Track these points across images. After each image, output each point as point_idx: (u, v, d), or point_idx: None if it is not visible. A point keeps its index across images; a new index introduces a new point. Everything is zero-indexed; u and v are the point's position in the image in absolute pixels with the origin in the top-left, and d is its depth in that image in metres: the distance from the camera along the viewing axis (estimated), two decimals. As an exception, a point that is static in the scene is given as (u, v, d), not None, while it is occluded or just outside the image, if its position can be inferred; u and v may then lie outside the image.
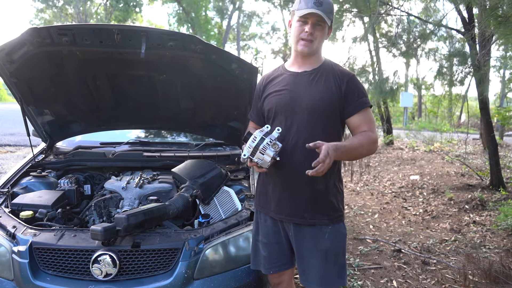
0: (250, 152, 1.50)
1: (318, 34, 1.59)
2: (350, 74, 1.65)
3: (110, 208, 2.23)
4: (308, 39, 1.58)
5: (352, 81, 1.62)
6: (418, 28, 5.23)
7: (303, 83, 1.63)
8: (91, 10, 24.15)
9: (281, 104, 1.65)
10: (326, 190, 1.63)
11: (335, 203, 1.65)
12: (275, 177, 1.69)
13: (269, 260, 1.74)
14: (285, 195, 1.66)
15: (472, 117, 13.94)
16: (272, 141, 1.50)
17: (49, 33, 1.98)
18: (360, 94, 1.62)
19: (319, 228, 1.63)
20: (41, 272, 1.73)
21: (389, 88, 5.32)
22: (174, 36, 2.02)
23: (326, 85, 1.60)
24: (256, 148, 1.49)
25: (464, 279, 2.88)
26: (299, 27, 1.59)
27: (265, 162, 1.50)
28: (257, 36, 28.05)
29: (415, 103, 21.82)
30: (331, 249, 1.63)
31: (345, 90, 1.59)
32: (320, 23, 1.57)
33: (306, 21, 1.57)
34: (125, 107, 2.70)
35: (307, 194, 1.62)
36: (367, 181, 6.54)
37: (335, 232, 1.64)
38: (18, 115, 2.46)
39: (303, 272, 1.68)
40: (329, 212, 1.63)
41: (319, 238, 1.63)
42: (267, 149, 1.49)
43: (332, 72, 1.63)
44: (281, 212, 1.68)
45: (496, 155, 5.14)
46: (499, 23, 3.44)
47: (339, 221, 1.67)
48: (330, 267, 1.64)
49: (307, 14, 1.54)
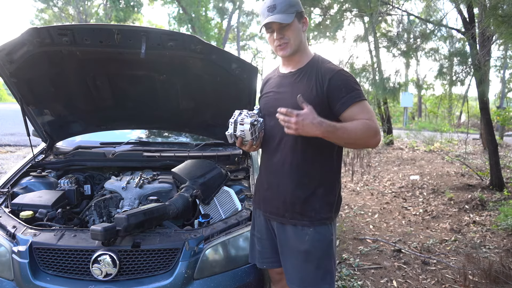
0: (232, 128, 1.57)
1: (289, 33, 1.55)
2: (335, 70, 1.54)
3: (110, 208, 2.23)
4: (282, 43, 1.57)
5: (335, 78, 1.51)
6: (418, 28, 5.23)
7: (288, 84, 1.63)
8: (91, 10, 24.16)
9: (267, 106, 1.67)
10: (309, 192, 1.59)
11: (317, 206, 1.59)
12: (262, 176, 1.73)
13: (263, 255, 1.77)
14: (268, 194, 1.68)
15: (472, 117, 13.94)
16: (250, 113, 1.57)
17: (49, 33, 1.98)
18: (348, 89, 1.50)
19: (301, 228, 1.60)
20: (41, 272, 1.73)
21: (390, 88, 5.31)
22: (174, 36, 2.02)
23: (307, 85, 1.56)
24: (235, 122, 1.56)
25: (464, 279, 2.88)
26: (270, 37, 1.60)
27: (247, 131, 1.54)
28: (257, 36, 28.07)
29: (415, 103, 21.81)
30: (311, 251, 1.59)
31: (327, 88, 1.51)
32: (283, 26, 1.54)
33: (272, 29, 1.57)
34: (125, 107, 2.70)
35: (288, 194, 1.60)
36: (367, 181, 6.54)
37: (317, 235, 1.59)
38: (18, 115, 2.46)
39: (286, 271, 1.68)
40: (310, 214, 1.59)
41: (300, 239, 1.60)
42: (245, 118, 1.55)
43: (315, 71, 1.57)
44: (266, 210, 1.71)
45: (496, 155, 5.14)
46: (500, 22, 3.44)
47: (322, 224, 1.60)
48: (311, 270, 1.60)
49: (266, 25, 1.55)
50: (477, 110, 10.15)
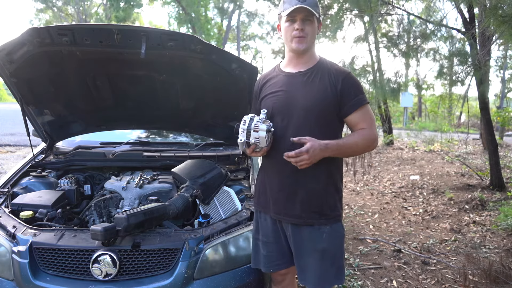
0: (245, 135, 1.52)
1: (309, 29, 1.58)
2: (346, 72, 1.63)
3: (110, 208, 2.23)
4: (300, 35, 1.57)
5: (347, 79, 1.59)
6: (418, 28, 5.23)
7: (299, 84, 1.63)
8: (91, 10, 24.16)
9: (278, 105, 1.65)
10: (323, 190, 1.62)
11: (332, 203, 1.63)
12: (272, 177, 1.69)
13: (269, 259, 1.75)
14: (281, 196, 1.66)
15: (472, 117, 13.94)
16: (261, 119, 1.54)
17: (49, 33, 1.98)
18: (357, 92, 1.60)
19: (318, 228, 1.62)
20: (41, 272, 1.73)
21: (391, 88, 5.31)
22: (174, 36, 2.02)
23: (321, 85, 1.59)
24: (249, 129, 1.52)
25: (464, 279, 2.88)
26: (289, 26, 1.59)
27: (262, 138, 1.52)
28: (257, 36, 28.07)
29: (415, 103, 21.82)
30: (328, 249, 1.62)
31: (340, 89, 1.57)
32: (308, 18, 1.57)
33: (294, 19, 1.57)
34: (125, 107, 2.70)
35: (304, 195, 1.61)
36: (367, 181, 6.54)
37: (333, 233, 1.63)
38: (18, 115, 2.46)
39: (301, 272, 1.68)
40: (326, 212, 1.62)
41: (317, 238, 1.62)
42: (259, 125, 1.51)
43: (327, 71, 1.61)
44: (279, 212, 1.68)
45: (496, 155, 5.14)
46: (501, 22, 3.44)
47: (337, 221, 1.65)
48: (327, 267, 1.63)
49: (294, 11, 1.54)
50: (477, 110, 10.15)
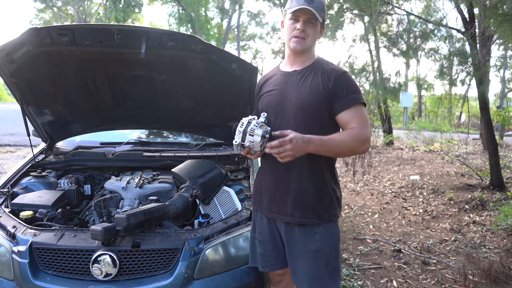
0: (240, 137, 1.51)
1: (310, 31, 1.59)
2: (340, 71, 1.60)
3: (110, 208, 2.22)
4: (300, 36, 1.58)
5: (341, 78, 1.57)
6: (418, 28, 5.23)
7: (292, 82, 1.63)
8: (91, 10, 24.16)
9: (271, 104, 1.66)
10: (317, 190, 1.61)
11: (327, 204, 1.62)
12: (267, 176, 1.70)
13: (265, 258, 1.75)
14: (275, 194, 1.67)
15: (472, 117, 13.94)
16: (259, 123, 1.52)
17: (49, 33, 1.98)
18: (350, 90, 1.57)
19: (310, 228, 1.61)
20: (41, 272, 1.73)
21: (391, 88, 5.32)
22: (174, 36, 2.02)
23: (313, 83, 1.59)
24: (245, 132, 1.50)
25: (464, 279, 2.88)
26: (291, 25, 1.59)
27: (256, 143, 1.50)
28: (257, 36, 28.07)
29: (415, 103, 21.83)
30: (321, 250, 1.60)
31: (332, 87, 1.56)
32: (311, 21, 1.57)
33: (298, 19, 1.57)
34: (125, 107, 2.70)
35: (297, 193, 1.61)
36: (367, 181, 6.54)
37: (326, 233, 1.61)
38: (18, 115, 2.46)
39: (294, 272, 1.68)
40: (319, 211, 1.61)
41: (309, 238, 1.61)
42: (255, 129, 1.50)
43: (321, 70, 1.61)
44: (273, 210, 1.68)
45: (496, 155, 5.14)
46: (501, 22, 3.44)
47: (330, 221, 1.63)
48: (321, 268, 1.61)
49: (298, 10, 1.55)
50: (477, 110, 10.15)
